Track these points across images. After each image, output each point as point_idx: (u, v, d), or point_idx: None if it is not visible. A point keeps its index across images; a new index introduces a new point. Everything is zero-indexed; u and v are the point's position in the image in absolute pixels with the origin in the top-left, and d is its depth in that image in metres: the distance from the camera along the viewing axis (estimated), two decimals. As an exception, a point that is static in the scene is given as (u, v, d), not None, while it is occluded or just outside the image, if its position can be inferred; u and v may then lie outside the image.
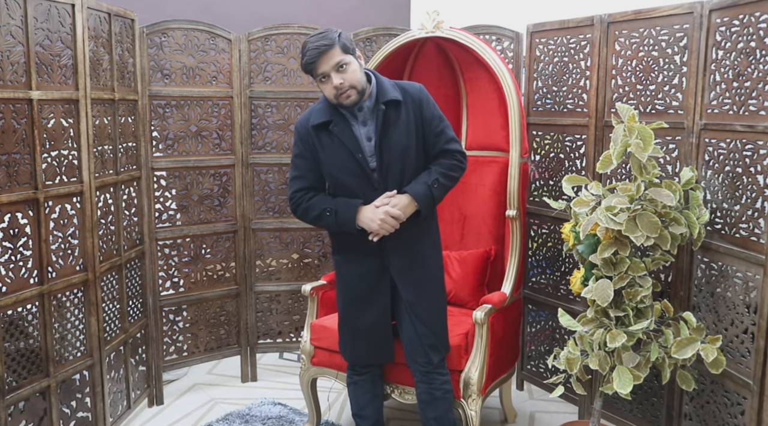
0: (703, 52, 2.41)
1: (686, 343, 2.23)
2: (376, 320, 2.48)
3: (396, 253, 2.41)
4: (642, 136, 2.20)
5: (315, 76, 2.28)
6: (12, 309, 2.39)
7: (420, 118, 2.37)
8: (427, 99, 2.40)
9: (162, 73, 3.23)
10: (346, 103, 2.29)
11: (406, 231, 2.38)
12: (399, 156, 2.35)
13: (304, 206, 2.43)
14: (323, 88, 2.30)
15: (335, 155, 2.36)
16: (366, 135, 2.35)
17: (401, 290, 2.44)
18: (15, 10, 2.32)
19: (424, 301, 2.45)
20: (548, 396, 3.23)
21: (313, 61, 2.23)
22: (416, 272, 2.45)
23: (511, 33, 3.28)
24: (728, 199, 2.30)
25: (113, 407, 2.93)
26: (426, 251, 2.48)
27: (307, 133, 2.39)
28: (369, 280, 2.45)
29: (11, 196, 2.35)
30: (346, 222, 2.35)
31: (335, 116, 2.34)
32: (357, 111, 2.34)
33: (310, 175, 2.43)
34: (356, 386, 2.65)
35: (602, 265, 2.33)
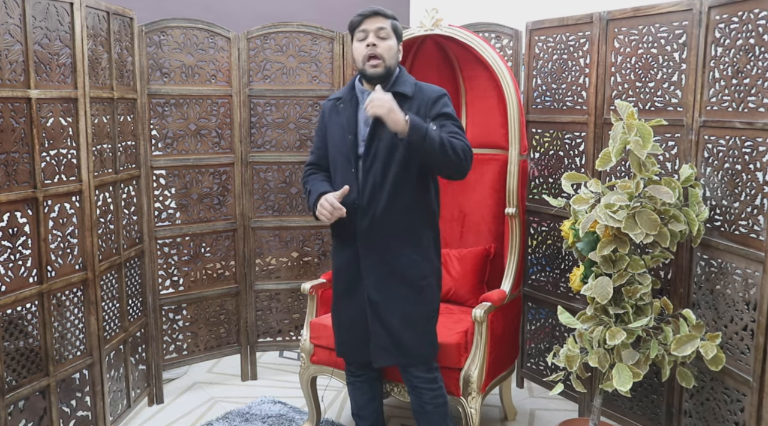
0: (702, 49, 2.40)
1: (686, 341, 2.23)
2: (358, 315, 2.40)
3: (367, 244, 2.33)
4: (641, 134, 2.20)
5: (356, 31, 2.31)
6: (11, 308, 2.39)
7: (425, 116, 2.29)
8: (442, 101, 2.32)
9: (161, 72, 3.22)
10: (369, 72, 2.29)
11: (381, 226, 2.30)
12: (387, 149, 2.28)
13: (303, 180, 2.53)
14: (356, 48, 2.32)
15: (335, 133, 2.41)
16: (365, 120, 2.34)
17: (365, 286, 2.36)
18: (13, 8, 2.32)
19: (390, 304, 2.34)
20: (548, 393, 3.23)
21: (362, 15, 2.30)
22: (389, 271, 2.33)
23: (510, 30, 3.27)
24: (727, 196, 2.30)
25: (113, 406, 2.93)
26: (409, 255, 2.34)
27: (324, 111, 2.48)
28: (350, 272, 2.40)
29: (10, 195, 2.35)
30: (310, 206, 2.40)
31: (347, 95, 2.40)
32: (367, 95, 2.29)
33: (317, 152, 2.52)
34: (354, 387, 2.64)
35: (602, 262, 2.33)
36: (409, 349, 2.37)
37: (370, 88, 2.34)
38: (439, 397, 2.45)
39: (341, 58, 3.47)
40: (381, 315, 2.36)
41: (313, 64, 3.48)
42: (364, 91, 2.36)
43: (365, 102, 2.21)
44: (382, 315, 2.35)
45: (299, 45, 3.46)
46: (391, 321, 2.35)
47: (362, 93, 2.37)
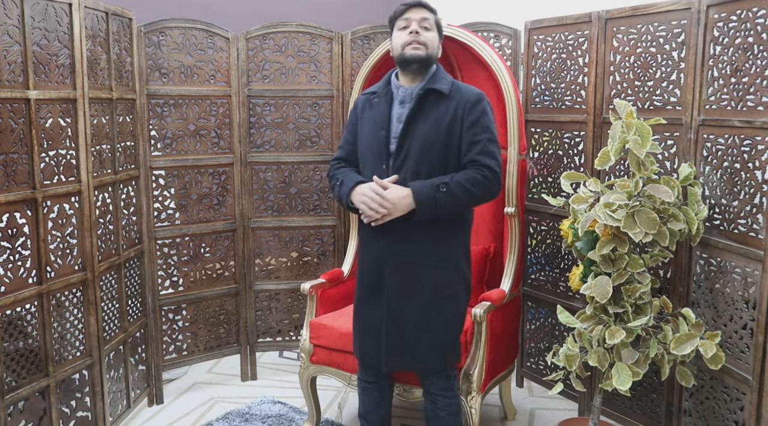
0: (700, 48, 2.40)
1: (685, 339, 2.23)
2: (379, 319, 2.32)
3: (393, 248, 2.26)
4: (640, 133, 2.20)
5: (397, 20, 2.28)
6: (11, 309, 2.39)
7: (462, 119, 2.22)
8: (481, 106, 2.24)
9: (160, 72, 3.22)
10: (409, 54, 2.22)
11: (408, 230, 2.23)
12: (421, 147, 2.21)
13: (331, 174, 2.44)
14: (396, 36, 2.28)
15: (367, 128, 2.34)
16: (399, 116, 2.27)
17: (386, 289, 2.28)
18: (12, 9, 2.32)
19: (408, 310, 2.27)
20: (548, 393, 3.23)
21: (407, 5, 2.27)
22: (412, 276, 2.27)
23: (509, 30, 3.27)
24: (727, 194, 2.30)
25: (113, 406, 2.93)
26: (435, 262, 2.27)
27: (356, 105, 2.44)
28: (377, 271, 2.30)
29: (9, 195, 2.35)
30: (343, 195, 2.31)
31: (383, 90, 2.35)
32: (402, 91, 2.29)
33: (347, 147, 2.45)
34: (364, 392, 2.55)
35: (601, 261, 2.33)
36: (421, 357, 2.32)
37: (407, 82, 2.29)
38: (453, 405, 2.41)
39: (340, 58, 3.47)
40: (398, 320, 2.28)
41: (312, 64, 3.48)
42: (399, 87, 2.31)
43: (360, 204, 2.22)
44: (399, 320, 2.28)
45: (298, 45, 3.46)
46: (407, 327, 2.28)
47: (397, 88, 2.31)
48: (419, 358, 2.32)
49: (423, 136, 2.22)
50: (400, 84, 2.32)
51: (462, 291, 2.36)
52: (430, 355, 2.32)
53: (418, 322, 2.28)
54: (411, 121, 2.23)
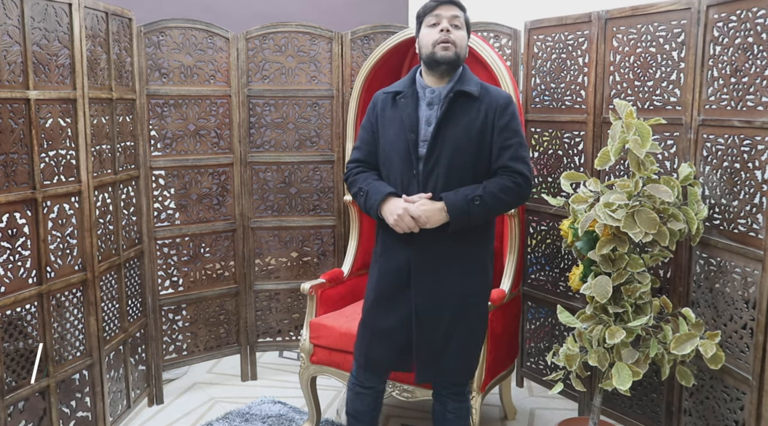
0: (700, 48, 2.40)
1: (685, 339, 2.23)
2: (399, 325, 2.24)
3: (421, 254, 2.20)
4: (640, 133, 2.20)
5: (427, 17, 2.19)
6: (11, 309, 2.39)
7: (492, 123, 2.17)
8: (511, 109, 2.20)
9: (160, 72, 3.22)
10: (439, 55, 2.14)
11: (436, 238, 2.17)
12: (452, 152, 2.15)
13: (351, 179, 2.33)
14: (426, 34, 2.19)
15: (391, 129, 2.24)
16: (428, 118, 2.19)
17: (413, 296, 2.22)
18: (12, 9, 2.32)
19: (437, 318, 2.22)
20: (548, 393, 3.23)
21: (439, 1, 2.17)
22: (442, 282, 2.21)
23: (508, 30, 3.27)
24: (726, 194, 2.30)
25: (113, 407, 2.93)
26: (463, 271, 2.24)
27: (375, 104, 2.31)
28: (399, 278, 2.23)
29: (9, 196, 2.35)
30: (371, 207, 2.21)
31: (409, 89, 2.24)
32: (429, 93, 2.21)
33: (366, 148, 2.32)
34: (357, 396, 2.44)
35: (601, 261, 2.33)
36: (445, 369, 2.27)
37: (433, 82, 2.22)
38: (462, 408, 2.36)
39: (340, 58, 3.47)
40: (425, 327, 2.22)
41: (312, 64, 3.48)
42: (426, 87, 2.22)
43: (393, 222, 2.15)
44: (426, 328, 2.22)
45: (298, 45, 3.46)
46: (434, 335, 2.23)
47: (423, 88, 2.23)
48: (444, 370, 2.28)
49: (454, 140, 2.15)
50: (426, 84, 2.23)
51: (487, 298, 2.35)
52: (455, 365, 2.27)
53: (446, 331, 2.23)
54: (442, 125, 2.16)
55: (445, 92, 2.19)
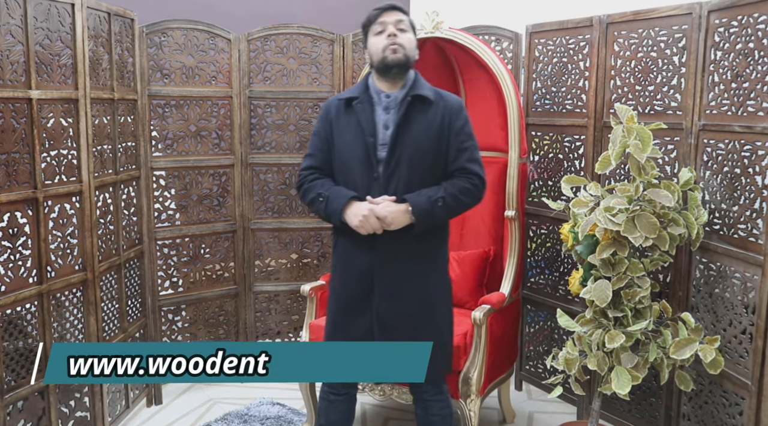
0: (701, 53, 2.41)
1: (685, 344, 2.24)
2: (367, 331, 2.25)
3: (384, 257, 2.21)
4: (641, 137, 2.20)
5: (372, 25, 2.21)
6: (11, 308, 2.39)
7: (448, 127, 2.22)
8: (464, 113, 2.27)
9: (161, 73, 3.23)
10: (390, 59, 2.16)
11: (399, 240, 2.19)
12: (412, 155, 2.18)
13: (306, 186, 2.29)
14: (374, 42, 2.21)
15: (348, 135, 2.23)
16: (385, 122, 2.21)
17: (376, 301, 2.22)
18: (15, 9, 2.32)
19: (401, 322, 2.23)
20: (547, 396, 3.23)
21: (382, 9, 2.20)
22: (404, 286, 2.23)
23: (510, 33, 3.28)
24: (726, 199, 2.31)
25: (112, 407, 2.93)
26: (423, 272, 2.26)
27: (329, 111, 2.29)
28: (365, 282, 2.23)
29: (10, 195, 2.35)
30: (333, 212, 2.18)
31: (364, 95, 2.24)
32: (385, 97, 2.23)
33: (320, 155, 2.30)
34: (330, 405, 2.41)
35: (601, 265, 2.34)
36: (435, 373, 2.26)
37: (387, 87, 2.23)
38: (445, 408, 2.37)
39: (341, 59, 3.48)
40: (389, 332, 2.23)
41: (314, 66, 3.49)
42: (381, 92, 2.23)
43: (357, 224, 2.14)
44: (391, 332, 2.23)
45: (299, 47, 3.46)
46: (398, 339, 2.22)
47: (378, 93, 2.24)
48: None
49: (414, 142, 2.18)
50: (380, 89, 2.24)
51: (449, 298, 2.35)
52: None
53: (410, 333, 2.23)
54: (401, 128, 2.19)
55: (401, 96, 2.22)
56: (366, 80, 2.30)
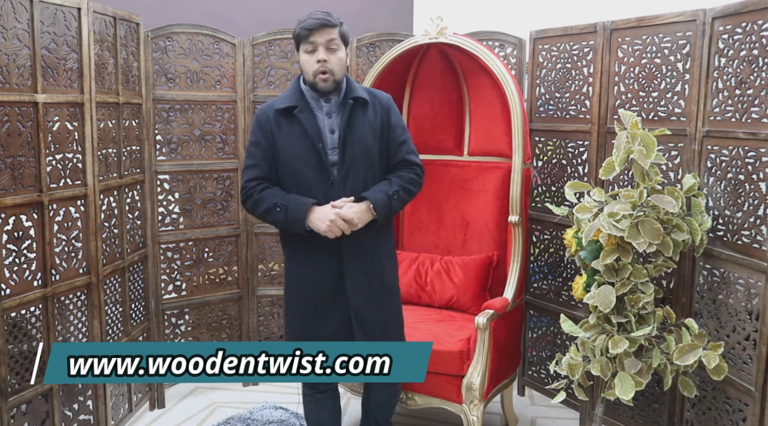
0: (705, 60, 2.42)
1: (688, 350, 2.24)
2: (338, 330, 2.34)
3: (351, 255, 2.29)
4: (645, 143, 2.21)
5: (303, 43, 2.23)
6: (15, 311, 2.40)
7: (386, 123, 2.35)
8: (394, 108, 2.41)
9: (166, 77, 3.24)
10: (320, 86, 2.23)
11: (363, 236, 2.28)
12: (362, 155, 2.28)
13: (255, 197, 2.29)
14: (305, 61, 2.24)
15: (295, 143, 2.26)
16: (329, 127, 2.28)
17: (350, 297, 2.31)
18: (22, 13, 2.34)
19: (373, 313, 2.35)
20: (550, 402, 3.23)
21: (311, 28, 2.20)
22: (370, 280, 2.34)
23: (514, 39, 3.29)
24: (730, 206, 2.31)
25: (115, 410, 2.93)
26: (382, 261, 2.39)
27: (267, 120, 2.30)
28: (332, 284, 2.31)
29: (16, 198, 2.36)
30: (295, 220, 2.21)
31: (301, 102, 2.28)
32: (324, 102, 2.29)
33: (264, 165, 2.31)
34: (317, 404, 2.49)
35: (604, 271, 2.34)
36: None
37: (319, 95, 2.28)
38: (398, 385, 2.60)
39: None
40: (365, 326, 2.34)
41: (318, 71, 3.49)
42: (318, 99, 2.29)
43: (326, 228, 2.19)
44: (366, 326, 2.34)
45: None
46: (374, 330, 2.35)
47: (316, 100, 2.29)
48: None
49: (360, 143, 2.28)
50: (317, 95, 2.29)
51: (398, 278, 2.51)
52: None
53: (383, 322, 2.38)
54: (347, 130, 2.27)
55: (341, 100, 2.30)
56: (298, 86, 2.33)
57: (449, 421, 3.12)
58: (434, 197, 3.25)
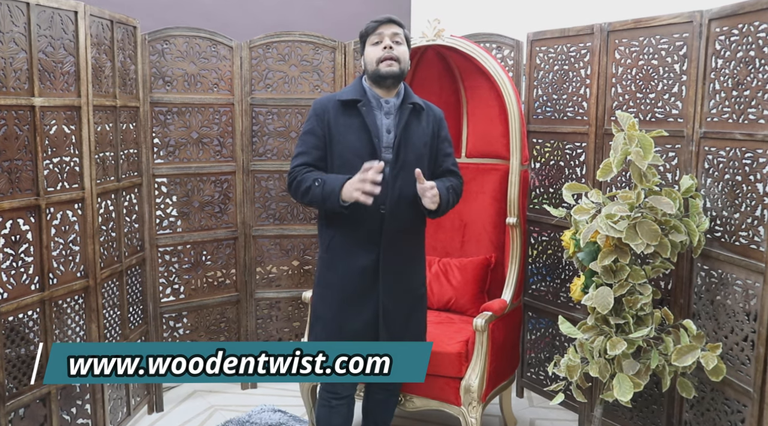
0: (702, 61, 2.42)
1: (686, 351, 2.24)
2: (367, 324, 2.35)
3: (390, 247, 2.32)
4: (642, 145, 2.21)
5: (370, 36, 2.32)
6: (13, 315, 2.39)
7: (437, 134, 2.43)
8: (445, 122, 2.49)
9: (163, 80, 3.24)
10: (384, 71, 2.28)
11: (401, 236, 2.34)
12: (414, 158, 2.32)
13: (299, 179, 2.31)
14: (371, 52, 2.31)
15: (351, 135, 2.31)
16: (387, 126, 2.33)
17: (382, 291, 2.33)
18: (18, 17, 2.33)
19: (398, 312, 2.38)
20: (548, 403, 3.23)
21: (378, 22, 2.31)
22: (402, 277, 2.39)
23: (511, 41, 3.29)
24: (728, 207, 2.31)
25: (113, 414, 2.93)
26: (417, 261, 2.47)
27: (325, 111, 2.34)
28: (366, 278, 2.32)
29: (13, 202, 2.36)
30: (331, 192, 2.21)
31: (364, 98, 2.34)
32: (384, 102, 2.34)
33: (315, 153, 2.34)
34: (332, 410, 2.47)
35: (602, 272, 2.34)
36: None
37: (382, 94, 2.34)
38: (398, 385, 2.65)
39: (343, 67, 3.49)
40: (390, 322, 2.36)
41: (315, 74, 3.50)
42: (380, 98, 2.34)
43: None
44: (390, 322, 2.36)
45: (301, 54, 3.47)
46: (396, 327, 2.38)
47: (377, 99, 2.34)
48: None
49: (415, 147, 2.35)
50: (378, 95, 2.35)
51: (426, 288, 2.56)
52: None
53: (405, 320, 2.42)
54: (406, 131, 2.33)
55: (399, 104, 2.36)
56: (361, 84, 2.39)
57: (448, 423, 3.12)
58: (432, 199, 3.25)
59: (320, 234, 2.45)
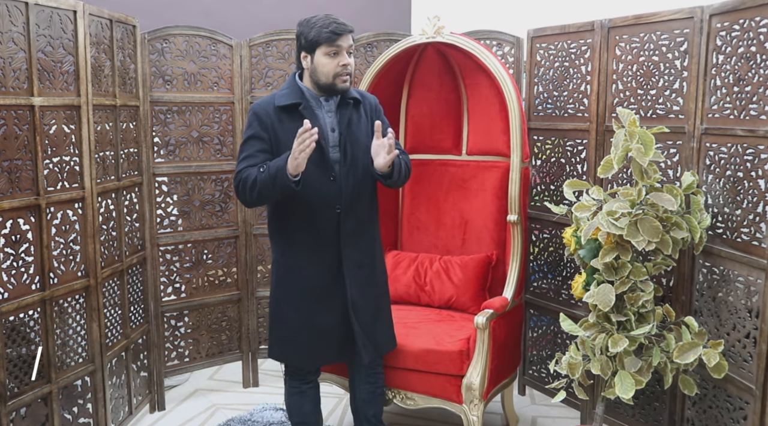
0: (703, 57, 2.41)
1: (688, 348, 2.23)
2: (338, 318, 2.43)
3: (348, 244, 2.40)
4: (643, 141, 2.20)
5: (325, 46, 2.28)
6: (14, 315, 2.39)
7: (370, 119, 2.47)
8: (380, 109, 2.54)
9: (163, 79, 3.23)
10: (339, 87, 2.34)
11: (358, 228, 2.43)
12: (361, 152, 2.39)
13: (243, 176, 2.29)
14: (325, 63, 2.29)
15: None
16: (330, 125, 2.38)
17: (346, 286, 2.41)
18: (17, 16, 2.33)
19: (366, 302, 2.46)
20: (550, 401, 3.23)
21: (340, 33, 2.28)
22: (364, 270, 2.47)
23: (511, 38, 3.28)
24: (729, 203, 2.30)
25: (115, 413, 2.93)
26: (376, 253, 2.54)
27: (267, 115, 2.34)
28: (329, 275, 2.40)
29: (13, 202, 2.35)
30: (277, 170, 2.19)
31: (304, 100, 2.36)
32: (324, 101, 2.38)
33: (261, 156, 2.32)
34: (303, 395, 2.58)
35: (604, 269, 2.33)
36: (381, 343, 2.55)
37: (321, 93, 2.38)
38: (383, 379, 2.69)
39: (343, 65, 3.48)
40: (359, 315, 2.44)
41: (315, 72, 3.49)
42: (318, 97, 2.38)
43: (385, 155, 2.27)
44: (360, 314, 2.44)
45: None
46: (366, 319, 2.46)
47: (316, 99, 2.38)
48: (380, 345, 2.55)
49: (359, 141, 2.40)
50: (316, 94, 2.38)
51: (386, 272, 2.65)
52: (386, 337, 2.58)
53: (374, 311, 2.50)
54: (348, 129, 2.38)
55: (338, 100, 2.40)
56: (296, 85, 2.39)
57: (449, 421, 3.12)
58: (433, 197, 3.25)
59: (273, 237, 2.49)
